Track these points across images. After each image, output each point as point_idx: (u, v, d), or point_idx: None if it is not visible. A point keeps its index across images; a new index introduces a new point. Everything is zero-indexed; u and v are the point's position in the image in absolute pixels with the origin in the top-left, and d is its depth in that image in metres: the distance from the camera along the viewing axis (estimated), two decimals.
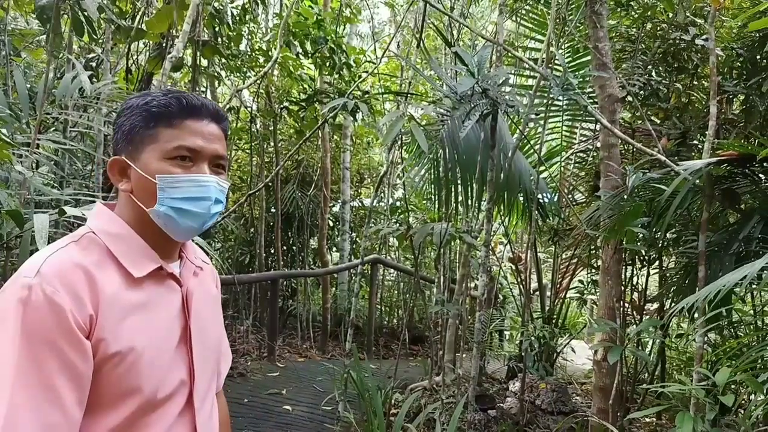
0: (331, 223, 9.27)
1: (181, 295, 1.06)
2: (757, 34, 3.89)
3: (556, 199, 5.82)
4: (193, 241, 1.18)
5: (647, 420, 4.68)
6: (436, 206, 4.95)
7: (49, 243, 1.01)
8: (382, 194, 7.44)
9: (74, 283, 0.89)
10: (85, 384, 0.89)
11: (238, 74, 6.66)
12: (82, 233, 0.99)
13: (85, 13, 2.79)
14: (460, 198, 4.54)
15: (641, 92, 4.45)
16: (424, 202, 7.45)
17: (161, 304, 1.01)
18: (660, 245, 4.08)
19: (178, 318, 1.04)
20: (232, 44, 5.62)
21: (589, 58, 5.10)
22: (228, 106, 6.92)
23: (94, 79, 3.59)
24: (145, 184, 0.99)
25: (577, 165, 5.98)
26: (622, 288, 4.08)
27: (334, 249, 9.42)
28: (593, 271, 5.31)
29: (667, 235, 4.03)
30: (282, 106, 7.08)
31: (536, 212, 4.68)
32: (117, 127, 1.04)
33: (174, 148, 1.00)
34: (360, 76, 6.24)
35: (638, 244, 3.59)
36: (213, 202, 1.03)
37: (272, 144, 7.66)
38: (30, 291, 0.85)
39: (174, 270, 1.06)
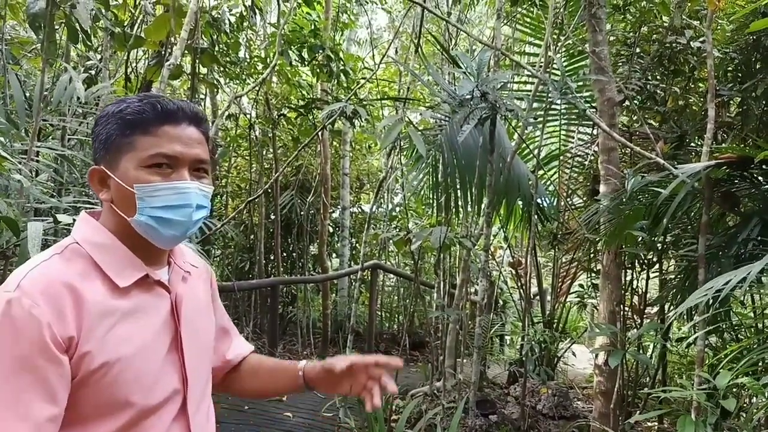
0: (331, 229, 9.26)
1: (170, 301, 1.04)
2: (751, 37, 3.89)
3: (555, 203, 5.82)
4: (188, 246, 1.17)
5: (649, 424, 4.65)
6: (435, 211, 4.94)
7: (43, 250, 1.01)
8: (382, 200, 7.44)
9: (55, 297, 0.88)
10: (60, 399, 0.87)
11: (236, 81, 6.67)
12: (66, 244, 0.98)
13: (78, 21, 2.79)
14: (459, 203, 4.53)
15: (638, 96, 4.45)
16: (424, 207, 7.45)
17: (149, 312, 1.00)
18: (660, 248, 4.08)
19: (167, 325, 1.02)
20: (231, 52, 5.63)
21: (585, 62, 5.12)
22: (227, 113, 6.93)
23: (93, 87, 3.59)
24: (125, 193, 0.97)
25: (575, 169, 5.98)
26: (623, 292, 4.07)
27: (334, 255, 9.41)
28: (593, 275, 5.30)
29: (667, 238, 4.02)
30: (280, 113, 7.09)
31: (535, 216, 4.67)
32: (94, 136, 1.02)
33: (150, 156, 0.97)
34: (358, 83, 6.25)
35: (638, 247, 3.58)
36: (194, 209, 1.00)
37: (271, 150, 7.67)
38: (9, 305, 0.85)
39: (162, 277, 1.04)
